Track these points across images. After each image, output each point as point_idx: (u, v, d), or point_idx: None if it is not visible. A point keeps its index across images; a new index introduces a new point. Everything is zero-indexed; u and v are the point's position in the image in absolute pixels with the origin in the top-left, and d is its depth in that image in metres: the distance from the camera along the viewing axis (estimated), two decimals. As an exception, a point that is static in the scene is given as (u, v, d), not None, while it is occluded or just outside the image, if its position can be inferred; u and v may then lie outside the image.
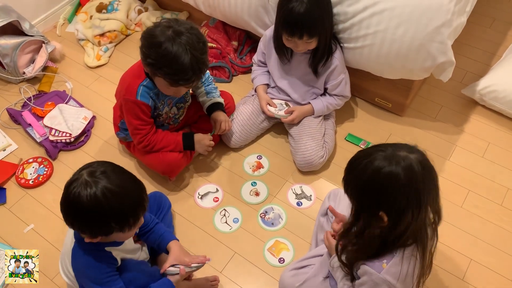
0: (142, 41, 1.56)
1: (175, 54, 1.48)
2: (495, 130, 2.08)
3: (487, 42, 2.48)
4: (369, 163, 1.09)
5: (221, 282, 1.63)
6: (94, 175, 1.18)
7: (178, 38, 1.49)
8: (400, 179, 1.06)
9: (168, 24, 1.52)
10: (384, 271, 1.15)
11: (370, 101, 2.19)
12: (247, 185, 1.91)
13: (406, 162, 1.06)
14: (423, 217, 1.12)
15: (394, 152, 1.08)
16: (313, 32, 1.68)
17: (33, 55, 2.33)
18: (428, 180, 1.09)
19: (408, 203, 1.08)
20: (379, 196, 1.10)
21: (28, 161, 1.99)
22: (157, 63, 1.52)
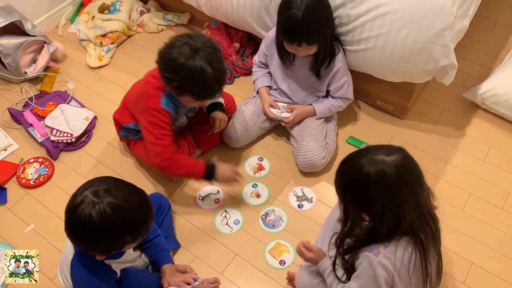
0: (162, 66, 1.55)
1: (199, 72, 1.49)
2: (496, 134, 2.08)
3: (489, 45, 2.48)
4: (350, 167, 1.16)
5: (222, 284, 1.63)
6: (98, 194, 1.18)
7: (197, 55, 1.49)
8: (372, 183, 1.11)
9: (182, 41, 1.52)
10: (382, 254, 1.19)
11: (371, 103, 2.19)
12: (248, 187, 1.90)
13: (378, 167, 1.11)
14: (410, 215, 1.15)
15: (372, 155, 1.13)
16: (311, 39, 1.68)
17: (35, 55, 2.34)
18: (404, 183, 1.12)
19: (384, 205, 1.12)
20: (357, 198, 1.17)
21: (29, 161, 1.99)
22: (183, 85, 1.53)
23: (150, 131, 1.64)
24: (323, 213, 1.77)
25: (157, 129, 1.63)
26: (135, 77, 2.34)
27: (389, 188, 1.11)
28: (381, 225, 1.16)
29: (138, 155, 1.92)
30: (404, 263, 1.19)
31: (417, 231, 1.19)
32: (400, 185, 1.11)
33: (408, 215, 1.14)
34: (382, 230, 1.18)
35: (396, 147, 1.16)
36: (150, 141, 1.65)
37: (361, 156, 1.15)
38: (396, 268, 1.18)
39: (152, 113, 1.63)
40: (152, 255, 1.53)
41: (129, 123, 1.80)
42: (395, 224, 1.16)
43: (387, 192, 1.11)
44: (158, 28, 2.59)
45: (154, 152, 1.65)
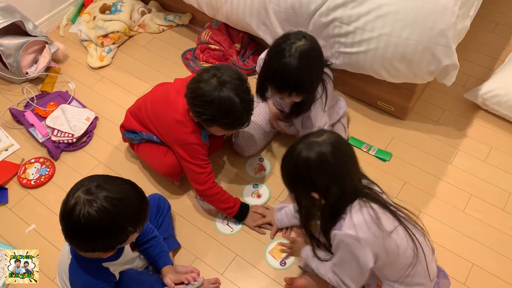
0: (192, 101, 1.57)
1: (228, 105, 1.52)
2: (497, 135, 2.08)
3: (490, 46, 2.48)
4: (290, 158, 1.27)
5: (223, 285, 1.63)
6: (90, 191, 1.17)
7: (225, 88, 1.51)
8: (312, 163, 1.22)
9: (210, 74, 1.54)
10: (344, 227, 1.26)
11: (372, 104, 2.18)
12: (248, 187, 1.90)
13: (315, 148, 1.22)
14: (353, 181, 1.26)
15: (305, 140, 1.25)
16: (304, 89, 1.61)
17: (36, 56, 2.34)
18: (340, 153, 1.23)
19: (328, 179, 1.23)
20: (304, 182, 1.27)
21: (30, 161, 1.99)
22: (213, 117, 1.56)
23: (193, 163, 1.68)
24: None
25: (200, 160, 1.68)
26: (136, 77, 2.35)
27: (329, 162, 1.21)
28: (329, 199, 1.25)
29: (142, 157, 1.92)
30: (369, 224, 1.24)
31: (362, 191, 1.28)
32: (337, 156, 1.22)
33: (351, 181, 1.25)
34: (332, 203, 1.26)
35: (324, 129, 1.28)
36: (194, 170, 1.69)
37: (295, 145, 1.26)
38: (360, 230, 1.23)
39: (194, 148, 1.66)
40: (151, 257, 1.53)
41: (137, 130, 1.80)
42: (341, 194, 1.24)
43: (327, 167, 1.22)
44: (159, 29, 2.59)
45: (200, 181, 1.69)
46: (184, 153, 1.68)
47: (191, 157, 1.67)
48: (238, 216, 1.76)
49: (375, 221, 1.23)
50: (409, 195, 1.87)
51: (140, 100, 1.85)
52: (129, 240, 1.26)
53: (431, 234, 1.74)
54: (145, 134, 1.79)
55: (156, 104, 1.74)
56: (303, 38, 1.57)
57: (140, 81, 2.32)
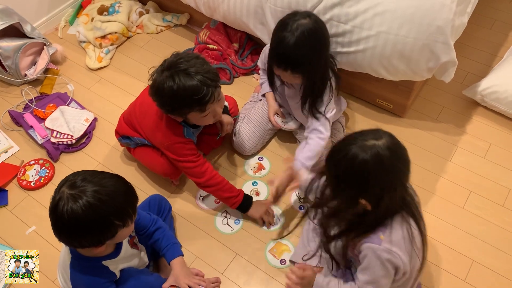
0: (153, 97, 1.56)
1: (180, 85, 1.47)
2: (496, 131, 2.08)
3: (488, 43, 2.48)
4: (343, 157, 1.16)
5: (223, 284, 1.63)
6: (75, 185, 1.16)
7: (175, 70, 1.48)
8: (370, 168, 1.12)
9: (160, 67, 1.53)
10: (384, 241, 1.21)
11: (371, 102, 2.19)
12: (247, 185, 1.91)
13: (373, 151, 1.12)
14: (402, 193, 1.20)
15: (362, 142, 1.14)
16: (297, 68, 1.61)
17: (35, 57, 2.34)
18: (398, 162, 1.15)
19: (383, 187, 1.15)
20: (355, 186, 1.17)
21: (29, 163, 1.99)
22: (175, 105, 1.53)
23: (183, 160, 1.68)
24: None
25: (188, 156, 1.67)
26: (134, 78, 2.35)
27: (387, 169, 1.13)
28: (379, 207, 1.18)
29: (140, 160, 1.92)
30: (405, 241, 1.21)
31: (408, 205, 1.23)
32: (395, 163, 1.15)
33: (402, 190, 1.19)
34: (379, 212, 1.19)
35: (381, 130, 1.18)
36: (187, 167, 1.69)
37: (350, 144, 1.16)
38: (396, 245, 1.20)
39: (179, 146, 1.66)
40: (159, 249, 1.51)
41: (129, 136, 1.81)
42: (391, 204, 1.19)
43: (385, 173, 1.14)
44: (157, 29, 2.59)
45: (197, 174, 1.69)
46: (172, 154, 1.68)
47: (179, 156, 1.67)
48: (242, 207, 1.74)
49: (410, 239, 1.21)
50: (408, 193, 1.87)
51: (131, 104, 1.85)
52: (119, 235, 1.24)
53: (431, 231, 1.74)
54: (137, 138, 1.80)
55: (143, 107, 1.74)
56: (307, 17, 1.58)
57: (139, 82, 2.32)
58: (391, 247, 1.20)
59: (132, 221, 1.26)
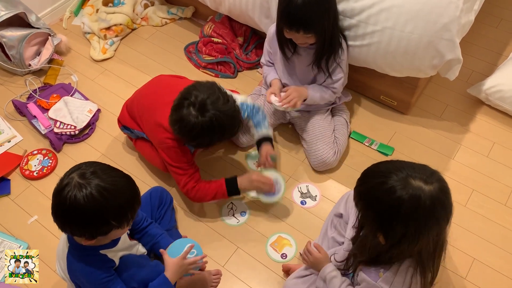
0: (185, 140, 1.58)
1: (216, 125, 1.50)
2: (500, 130, 2.08)
3: (493, 41, 2.47)
4: (380, 184, 1.06)
5: (223, 277, 1.64)
6: (85, 176, 1.16)
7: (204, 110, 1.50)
8: (402, 209, 1.03)
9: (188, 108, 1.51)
10: (380, 280, 1.17)
11: (375, 98, 2.18)
12: (250, 181, 1.91)
13: (415, 193, 1.02)
14: (422, 245, 1.10)
15: (408, 177, 1.03)
16: (309, 27, 1.65)
17: (39, 48, 2.34)
18: (434, 217, 1.05)
19: (406, 232, 1.05)
20: (380, 217, 1.09)
21: (32, 152, 2.00)
22: (210, 140, 1.58)
23: (175, 165, 1.68)
24: (325, 211, 1.78)
25: (182, 163, 1.67)
26: (138, 70, 2.34)
27: (418, 218, 1.03)
28: (395, 249, 1.10)
29: (140, 152, 1.92)
30: (405, 286, 1.17)
31: (423, 258, 1.14)
32: (430, 217, 1.04)
33: (426, 245, 1.10)
34: (392, 254, 1.13)
35: (437, 175, 1.07)
36: (176, 172, 1.69)
37: (394, 173, 1.05)
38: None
39: (176, 151, 1.66)
40: (150, 242, 1.51)
41: (129, 127, 1.81)
42: (406, 251, 1.11)
43: (413, 222, 1.04)
44: (162, 22, 2.59)
45: (181, 183, 1.69)
46: (166, 156, 1.67)
47: (173, 160, 1.67)
48: (232, 193, 1.71)
49: (410, 285, 1.17)
50: (411, 190, 1.87)
51: (137, 92, 1.85)
52: (112, 234, 1.24)
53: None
54: (136, 131, 1.80)
55: (147, 100, 1.74)
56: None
57: (143, 74, 2.32)
58: (385, 286, 1.17)
59: (128, 225, 1.25)
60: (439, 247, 1.16)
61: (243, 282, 1.63)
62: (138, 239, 1.52)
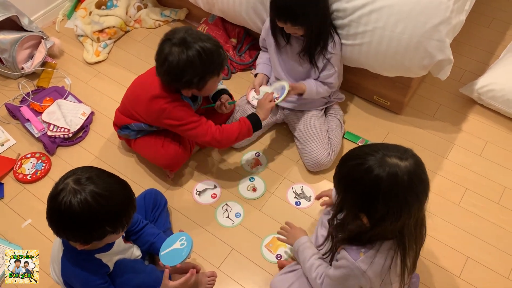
0: (174, 77, 1.58)
1: (205, 49, 1.54)
2: (492, 129, 2.09)
3: (485, 41, 2.48)
4: (359, 165, 1.08)
5: (218, 278, 1.64)
6: (80, 182, 1.16)
7: (187, 45, 1.53)
8: (382, 187, 1.04)
9: (169, 45, 1.56)
10: (360, 259, 1.18)
11: (368, 99, 2.19)
12: (244, 180, 1.91)
13: (391, 170, 1.04)
14: (404, 221, 1.11)
15: (384, 157, 1.06)
16: (295, 20, 1.67)
17: (32, 51, 2.33)
18: (413, 192, 1.06)
19: (388, 210, 1.07)
20: (360, 198, 1.11)
21: (26, 156, 1.99)
22: (203, 73, 1.58)
23: (185, 123, 1.67)
24: (319, 212, 1.78)
25: (190, 117, 1.67)
26: (132, 72, 2.34)
27: (398, 194, 1.05)
28: (378, 228, 1.12)
29: (139, 152, 1.92)
30: (384, 268, 1.18)
31: (405, 236, 1.14)
32: (410, 192, 1.06)
33: (407, 221, 1.11)
34: (374, 233, 1.14)
35: (410, 151, 1.09)
36: (191, 128, 1.68)
37: (370, 154, 1.07)
38: (373, 270, 1.18)
39: (179, 108, 1.66)
40: (146, 243, 1.51)
41: (127, 124, 1.81)
42: (389, 229, 1.12)
43: (394, 198, 1.05)
44: (155, 24, 2.59)
45: (202, 133, 1.68)
46: (173, 120, 1.67)
47: (181, 119, 1.67)
48: (256, 127, 1.76)
49: (389, 268, 1.18)
50: (404, 189, 1.88)
51: (123, 98, 1.87)
52: (106, 239, 1.24)
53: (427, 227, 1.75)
54: (134, 124, 1.79)
55: (135, 91, 1.78)
56: None
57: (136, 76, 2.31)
58: (366, 269, 1.18)
59: (123, 230, 1.26)
60: (419, 225, 1.17)
61: (238, 283, 1.63)
62: (134, 241, 1.52)
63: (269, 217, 1.80)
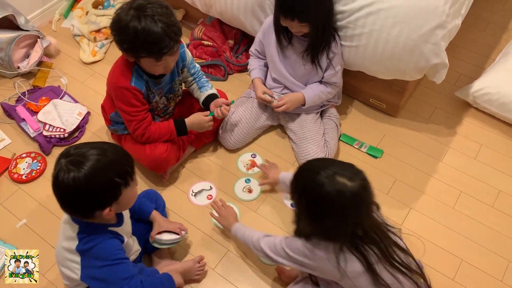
0: (112, 32, 1.58)
1: (145, 28, 1.50)
2: (487, 133, 2.10)
3: (481, 45, 2.50)
4: (311, 177, 1.20)
5: (213, 279, 1.64)
6: (70, 153, 1.20)
7: (142, 12, 1.51)
8: (328, 201, 1.16)
9: (128, 5, 1.54)
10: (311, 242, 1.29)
11: (364, 101, 2.20)
12: (240, 182, 1.91)
13: (340, 189, 1.15)
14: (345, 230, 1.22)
15: (335, 175, 1.17)
16: (304, 17, 1.68)
17: (28, 50, 2.33)
18: (355, 209, 1.18)
19: (332, 223, 1.19)
20: (311, 207, 1.22)
21: (21, 156, 1.98)
22: (134, 45, 1.55)
23: (122, 109, 1.71)
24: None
25: (129, 106, 1.69)
26: (128, 73, 2.34)
27: (340, 210, 1.17)
28: (322, 232, 1.25)
29: (129, 152, 1.91)
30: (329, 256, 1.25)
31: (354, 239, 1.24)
32: (350, 210, 1.18)
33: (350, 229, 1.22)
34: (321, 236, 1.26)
35: (360, 174, 1.20)
36: (125, 119, 1.74)
37: (324, 169, 1.19)
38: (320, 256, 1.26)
39: (123, 92, 1.67)
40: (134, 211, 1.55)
41: (112, 112, 1.82)
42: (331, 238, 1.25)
43: (337, 213, 1.18)
44: (152, 24, 2.58)
45: (131, 128, 1.74)
46: (116, 97, 1.71)
47: (122, 102, 1.69)
48: (180, 133, 1.80)
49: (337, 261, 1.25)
50: (400, 192, 1.88)
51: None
52: (124, 196, 1.25)
53: (421, 230, 1.76)
54: (111, 114, 1.83)
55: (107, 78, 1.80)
56: None
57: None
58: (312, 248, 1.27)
59: (132, 179, 1.28)
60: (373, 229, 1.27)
61: (233, 284, 1.63)
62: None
63: (264, 218, 1.81)
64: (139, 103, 1.70)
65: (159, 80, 1.74)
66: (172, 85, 1.82)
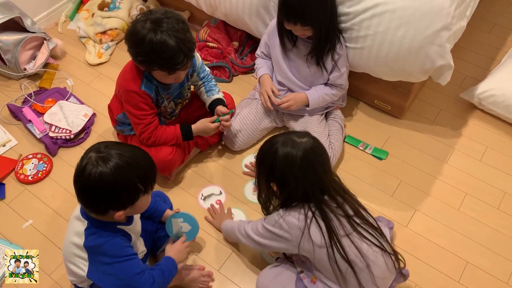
0: (127, 43, 1.58)
1: (161, 43, 1.50)
2: (493, 134, 2.09)
3: (486, 46, 2.49)
4: (268, 144, 1.37)
5: (218, 281, 1.64)
6: (100, 150, 1.22)
7: (159, 27, 1.51)
8: (280, 159, 1.31)
9: (144, 17, 1.54)
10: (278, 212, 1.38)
11: (369, 103, 2.20)
12: (249, 184, 1.91)
13: (290, 148, 1.30)
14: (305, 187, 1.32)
15: (290, 136, 1.33)
16: (306, 20, 1.69)
17: (35, 52, 2.34)
18: (308, 163, 1.30)
19: (287, 179, 1.32)
20: (271, 170, 1.35)
21: (27, 157, 2.00)
22: (148, 58, 1.56)
23: (131, 112, 1.72)
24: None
25: (138, 110, 1.70)
26: (134, 74, 2.35)
27: (294, 165, 1.29)
28: (284, 192, 1.36)
29: None
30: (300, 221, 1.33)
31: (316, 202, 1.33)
32: (304, 163, 1.29)
33: (304, 188, 1.31)
34: (282, 198, 1.38)
35: (310, 135, 1.34)
36: (133, 121, 1.75)
37: (277, 136, 1.36)
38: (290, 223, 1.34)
39: (132, 96, 1.68)
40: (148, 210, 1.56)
41: (119, 114, 1.82)
42: (293, 194, 1.35)
43: (290, 169, 1.30)
44: (158, 26, 2.59)
45: (138, 131, 1.75)
46: (125, 100, 1.72)
47: (130, 105, 1.70)
48: (186, 138, 1.81)
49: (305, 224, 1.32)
50: (404, 194, 1.88)
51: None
52: (139, 202, 1.27)
53: (426, 232, 1.76)
54: (118, 116, 1.84)
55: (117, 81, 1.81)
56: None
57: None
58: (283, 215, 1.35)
59: (152, 189, 1.30)
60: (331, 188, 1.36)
61: (238, 286, 1.64)
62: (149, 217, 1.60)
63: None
64: (148, 107, 1.71)
65: (168, 86, 1.76)
66: (181, 91, 1.83)
